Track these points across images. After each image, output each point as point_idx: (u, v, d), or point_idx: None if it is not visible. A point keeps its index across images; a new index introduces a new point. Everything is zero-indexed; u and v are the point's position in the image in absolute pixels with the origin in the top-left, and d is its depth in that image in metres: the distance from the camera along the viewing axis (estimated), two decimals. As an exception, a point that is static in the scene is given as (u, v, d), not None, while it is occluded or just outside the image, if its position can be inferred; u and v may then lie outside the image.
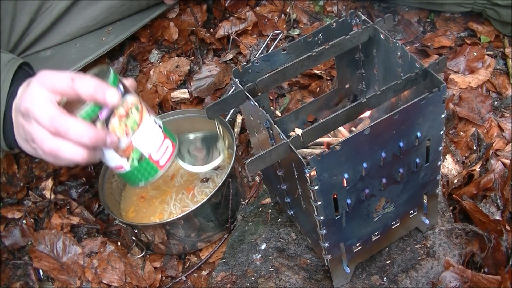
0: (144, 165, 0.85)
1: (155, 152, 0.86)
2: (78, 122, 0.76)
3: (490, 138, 1.12)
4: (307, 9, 1.51)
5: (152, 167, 0.86)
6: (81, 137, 0.76)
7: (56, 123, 0.76)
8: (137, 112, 0.83)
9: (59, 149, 0.77)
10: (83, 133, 0.76)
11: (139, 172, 0.86)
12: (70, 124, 0.75)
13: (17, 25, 1.18)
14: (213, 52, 1.47)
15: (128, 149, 0.83)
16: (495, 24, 1.31)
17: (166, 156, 0.87)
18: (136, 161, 0.84)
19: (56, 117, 0.76)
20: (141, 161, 0.85)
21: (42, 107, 0.76)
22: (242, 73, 0.82)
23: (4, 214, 1.22)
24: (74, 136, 0.76)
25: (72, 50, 1.28)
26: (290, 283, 0.90)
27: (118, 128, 0.80)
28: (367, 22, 0.83)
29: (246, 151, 1.25)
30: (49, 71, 0.80)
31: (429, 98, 0.70)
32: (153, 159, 0.86)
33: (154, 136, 0.86)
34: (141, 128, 0.83)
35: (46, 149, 0.78)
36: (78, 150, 0.77)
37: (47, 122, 0.76)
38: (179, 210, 1.13)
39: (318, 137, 0.72)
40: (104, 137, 0.78)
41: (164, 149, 0.87)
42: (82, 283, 1.09)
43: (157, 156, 0.86)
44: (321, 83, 1.31)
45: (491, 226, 0.93)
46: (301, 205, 0.82)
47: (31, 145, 0.82)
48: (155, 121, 0.87)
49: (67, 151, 0.77)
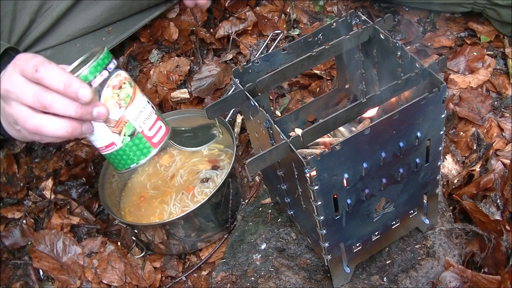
0: (136, 142, 0.83)
1: (148, 130, 0.84)
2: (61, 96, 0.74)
3: (490, 138, 1.12)
4: (307, 9, 1.51)
5: (144, 145, 0.84)
6: (66, 109, 0.74)
7: (41, 97, 0.74)
8: (130, 87, 0.82)
9: (42, 125, 0.76)
10: (68, 103, 0.74)
11: (131, 150, 0.84)
12: (54, 96, 0.74)
13: (17, 26, 1.17)
14: (213, 52, 1.47)
15: (120, 122, 0.81)
16: (495, 24, 1.31)
17: (159, 136, 0.86)
18: (128, 136, 0.82)
19: (40, 92, 0.75)
20: (134, 137, 0.83)
21: (23, 86, 0.76)
22: (242, 73, 0.82)
23: (4, 214, 1.22)
24: (59, 108, 0.74)
25: (72, 50, 1.28)
26: (290, 283, 0.90)
27: (110, 99, 0.79)
28: (367, 22, 0.83)
29: (246, 151, 1.25)
30: (25, 55, 0.79)
31: (429, 98, 0.70)
32: (146, 135, 0.84)
33: (147, 114, 0.84)
34: (134, 103, 0.82)
35: (29, 127, 0.77)
36: (62, 124, 0.76)
37: (31, 99, 0.75)
38: (179, 210, 1.13)
39: (318, 137, 0.72)
40: (91, 108, 0.76)
41: (157, 129, 0.86)
42: (82, 283, 1.09)
43: (150, 133, 0.84)
44: (321, 83, 1.31)
45: (491, 226, 0.93)
46: (301, 205, 0.82)
47: (14, 127, 0.81)
48: (148, 102, 0.86)
49: (51, 126, 0.76)
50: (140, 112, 0.83)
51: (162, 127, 0.87)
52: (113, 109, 0.80)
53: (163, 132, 0.87)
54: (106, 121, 0.80)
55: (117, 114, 0.81)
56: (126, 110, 0.81)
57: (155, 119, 0.86)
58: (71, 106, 0.75)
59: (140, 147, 0.84)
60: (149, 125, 0.84)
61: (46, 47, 1.26)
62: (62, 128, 0.76)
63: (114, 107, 0.80)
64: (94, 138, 0.83)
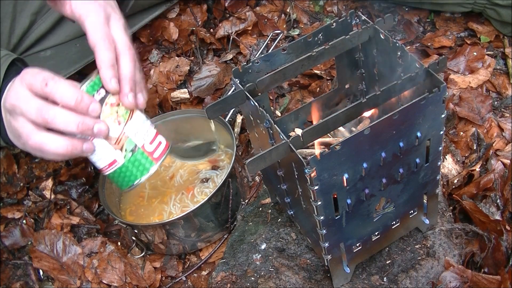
0: (138, 157, 0.84)
1: (148, 144, 0.85)
2: (63, 111, 0.76)
3: (490, 138, 1.12)
4: (307, 9, 1.51)
5: (146, 159, 0.85)
6: (68, 124, 0.76)
7: (43, 111, 0.75)
8: None
9: (43, 142, 0.77)
10: (69, 119, 0.75)
11: (133, 165, 0.85)
12: (57, 111, 0.75)
13: (17, 27, 1.17)
14: (213, 52, 1.47)
15: (120, 139, 0.82)
16: (495, 24, 1.31)
17: (160, 150, 0.87)
18: (130, 152, 0.83)
19: (43, 106, 0.76)
20: (135, 153, 0.84)
21: (28, 100, 0.77)
22: (242, 73, 0.82)
23: (4, 214, 1.22)
24: (61, 124, 0.76)
25: (72, 50, 1.28)
26: (290, 283, 0.90)
27: (109, 116, 0.80)
28: (367, 22, 0.83)
29: (246, 151, 1.25)
30: (32, 70, 0.80)
31: (429, 98, 0.70)
32: (146, 150, 0.85)
33: (146, 129, 0.85)
34: (133, 119, 0.83)
35: (31, 144, 0.78)
36: (63, 142, 0.77)
37: (34, 114, 0.76)
38: (179, 210, 1.13)
39: (318, 137, 0.72)
40: (92, 123, 0.77)
41: (157, 143, 0.86)
42: (82, 283, 1.09)
43: (150, 148, 0.85)
44: (321, 83, 1.31)
45: (491, 226, 0.93)
46: (301, 205, 0.82)
47: (19, 140, 0.82)
48: (146, 117, 0.86)
49: (52, 143, 0.77)
50: (140, 127, 0.84)
51: (162, 142, 0.88)
52: (113, 126, 0.81)
53: (163, 147, 0.87)
54: (107, 138, 0.81)
55: (117, 131, 0.81)
56: (126, 126, 0.82)
57: (154, 134, 0.86)
58: (73, 122, 0.76)
59: (142, 162, 0.85)
60: (149, 139, 0.85)
61: (46, 47, 1.26)
62: (63, 146, 0.77)
63: (114, 123, 0.81)
64: (97, 158, 0.84)
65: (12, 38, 1.18)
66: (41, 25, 1.22)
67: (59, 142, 0.77)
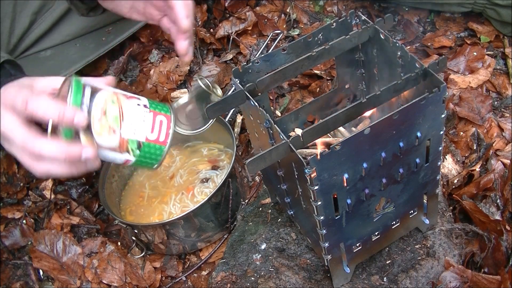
0: (146, 150, 0.83)
1: (150, 133, 0.83)
2: (47, 143, 0.74)
3: (490, 138, 1.12)
4: (307, 9, 1.51)
5: (155, 148, 0.84)
6: (56, 157, 0.74)
7: (29, 147, 0.74)
8: (115, 106, 0.80)
9: (49, 171, 0.76)
10: (56, 153, 0.74)
11: (145, 158, 0.84)
12: (42, 147, 0.74)
13: (17, 27, 1.18)
14: (213, 52, 1.47)
15: (123, 144, 0.81)
16: (495, 24, 1.31)
17: (164, 131, 0.85)
18: (136, 150, 0.83)
19: (27, 141, 0.74)
20: (142, 147, 0.83)
21: (13, 131, 0.75)
22: (242, 73, 0.82)
23: (4, 214, 1.22)
24: (49, 158, 0.74)
25: (72, 50, 1.28)
26: (290, 283, 0.90)
27: (102, 130, 0.79)
28: (367, 22, 0.83)
29: (246, 151, 1.25)
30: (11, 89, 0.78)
31: (429, 98, 0.70)
32: (151, 140, 0.83)
33: (141, 119, 0.83)
34: (125, 119, 0.81)
35: (38, 173, 0.77)
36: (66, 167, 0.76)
37: (23, 148, 0.75)
38: (179, 210, 1.13)
39: (318, 137, 0.72)
40: (79, 151, 0.75)
41: (159, 126, 0.84)
42: (82, 283, 1.09)
43: (153, 136, 0.83)
44: (321, 83, 1.31)
45: (491, 226, 0.93)
46: (301, 205, 0.82)
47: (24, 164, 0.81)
48: (138, 104, 0.84)
49: (55, 170, 0.76)
50: (135, 122, 0.82)
51: (164, 120, 0.85)
52: (109, 136, 0.79)
53: (166, 125, 0.85)
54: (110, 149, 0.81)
55: (115, 140, 0.80)
56: (122, 131, 0.80)
57: (152, 117, 0.84)
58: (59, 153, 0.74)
59: (152, 151, 0.84)
60: (149, 128, 0.83)
61: (46, 47, 1.26)
62: (66, 171, 0.77)
63: (110, 135, 0.79)
64: (111, 160, 0.84)
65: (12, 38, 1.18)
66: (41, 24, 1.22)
67: (62, 168, 0.76)
